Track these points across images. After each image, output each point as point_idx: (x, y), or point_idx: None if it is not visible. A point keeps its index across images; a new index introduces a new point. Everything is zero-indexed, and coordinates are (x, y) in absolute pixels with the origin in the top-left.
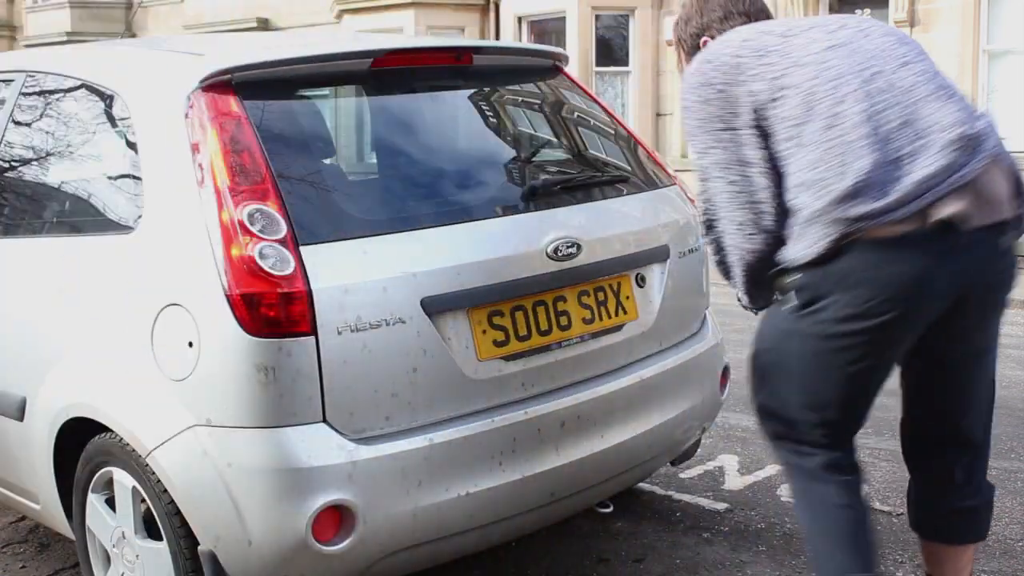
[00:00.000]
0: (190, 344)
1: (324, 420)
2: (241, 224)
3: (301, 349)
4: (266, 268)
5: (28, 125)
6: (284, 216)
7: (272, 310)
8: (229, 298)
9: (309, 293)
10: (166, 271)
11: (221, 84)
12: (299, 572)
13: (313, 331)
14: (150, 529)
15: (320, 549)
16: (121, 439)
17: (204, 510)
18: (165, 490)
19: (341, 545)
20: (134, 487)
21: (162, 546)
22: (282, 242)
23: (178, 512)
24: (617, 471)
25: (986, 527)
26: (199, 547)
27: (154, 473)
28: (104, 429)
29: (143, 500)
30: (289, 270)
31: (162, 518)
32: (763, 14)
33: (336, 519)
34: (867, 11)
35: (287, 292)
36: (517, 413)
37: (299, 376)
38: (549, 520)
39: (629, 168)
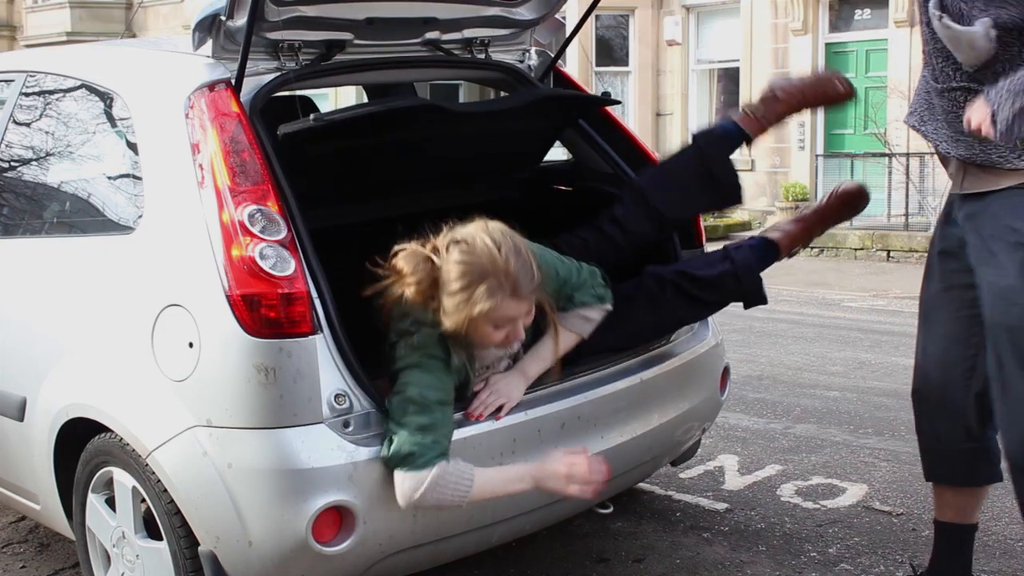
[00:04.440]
0: (190, 344)
1: (324, 421)
2: (241, 225)
3: (301, 349)
4: (266, 269)
5: (29, 125)
6: (284, 217)
7: (272, 311)
8: (229, 299)
9: (309, 293)
10: (166, 271)
11: (222, 85)
12: (299, 573)
13: (314, 331)
14: (150, 529)
15: (320, 550)
16: (121, 439)
17: (204, 511)
18: (165, 490)
19: (341, 546)
20: (134, 487)
21: (162, 546)
22: (282, 243)
23: (178, 512)
24: (617, 472)
25: None
26: (199, 548)
27: (154, 473)
28: (104, 429)
29: (143, 500)
30: (290, 271)
31: (162, 518)
32: None
33: (336, 520)
34: (867, 11)
35: (287, 293)
36: (517, 414)
37: (299, 377)
38: (549, 521)
39: None
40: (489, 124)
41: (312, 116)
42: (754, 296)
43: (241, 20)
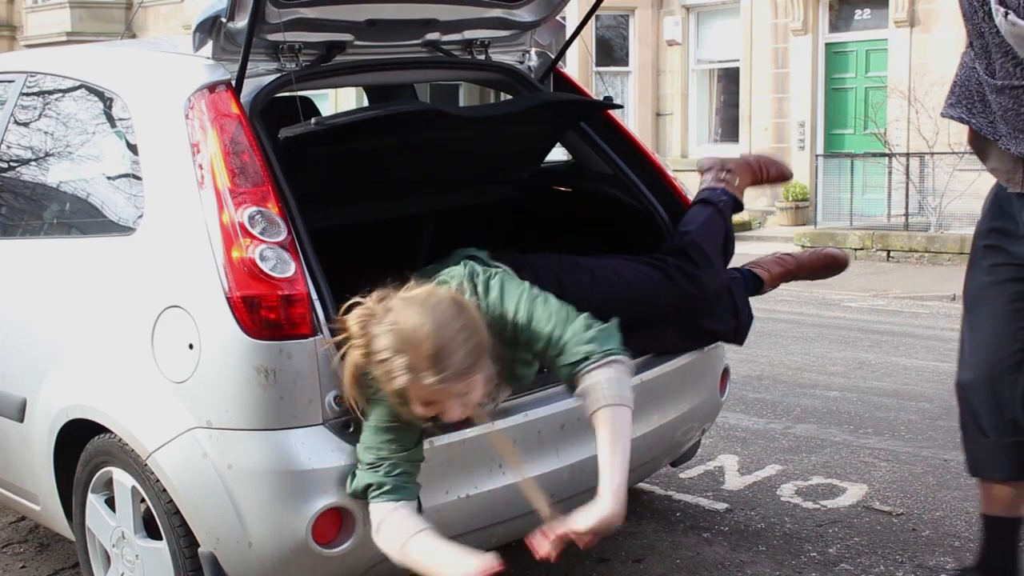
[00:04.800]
0: (190, 346)
1: (324, 422)
2: (241, 226)
3: (302, 351)
4: (266, 270)
5: (29, 126)
6: (284, 218)
7: (272, 312)
8: (229, 300)
9: (309, 295)
10: (166, 273)
11: (222, 86)
12: (299, 574)
13: (313, 333)
14: (150, 529)
15: (320, 551)
16: (121, 439)
17: (204, 512)
18: (165, 490)
19: (341, 548)
20: (134, 487)
21: (162, 546)
22: (282, 244)
23: (178, 512)
24: None
25: None
26: (199, 549)
27: (154, 473)
28: (104, 430)
29: (143, 500)
30: (290, 272)
31: (162, 518)
32: None
33: (336, 521)
34: (867, 11)
35: (287, 295)
36: (517, 416)
37: (299, 378)
38: None
39: None
40: (490, 128)
41: (314, 120)
42: (743, 335)
43: (242, 22)
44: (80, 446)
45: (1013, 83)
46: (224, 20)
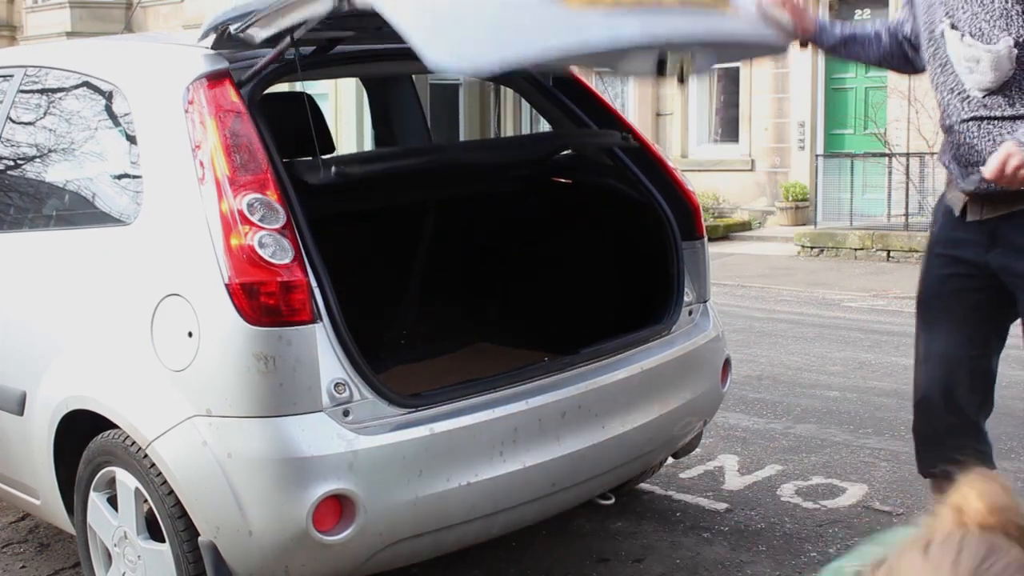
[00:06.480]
0: (190, 334)
1: (324, 409)
2: (240, 214)
3: (301, 338)
4: (265, 257)
5: (27, 120)
6: (283, 205)
7: (272, 299)
8: (228, 287)
9: (309, 282)
10: (166, 261)
11: (220, 76)
12: (300, 562)
13: (313, 320)
14: (152, 529)
15: (321, 539)
16: (125, 438)
17: (204, 501)
18: (170, 492)
19: (342, 535)
20: (137, 488)
21: (164, 548)
22: (281, 231)
23: (182, 515)
24: (618, 462)
25: None
26: (199, 538)
27: (155, 467)
28: (104, 423)
29: (145, 500)
30: (288, 259)
31: (165, 521)
32: None
33: (336, 509)
34: (867, 11)
35: (287, 281)
36: (518, 403)
37: (299, 365)
38: (550, 511)
39: None
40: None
41: (334, 170)
42: None
43: (253, 31)
44: (80, 440)
45: (963, 117)
46: (233, 29)
